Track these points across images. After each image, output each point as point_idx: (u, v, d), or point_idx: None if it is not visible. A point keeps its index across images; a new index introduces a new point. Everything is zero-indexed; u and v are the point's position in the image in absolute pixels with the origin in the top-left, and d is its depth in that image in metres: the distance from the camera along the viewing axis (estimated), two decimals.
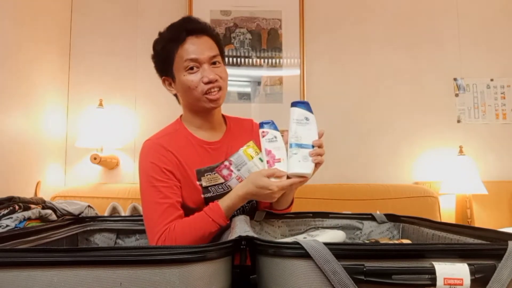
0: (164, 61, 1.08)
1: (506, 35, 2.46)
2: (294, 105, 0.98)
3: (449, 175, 2.20)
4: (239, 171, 1.02)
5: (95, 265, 0.55)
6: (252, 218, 1.04)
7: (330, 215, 1.11)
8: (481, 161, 2.33)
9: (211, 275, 0.60)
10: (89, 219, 1.12)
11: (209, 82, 1.03)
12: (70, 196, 2.04)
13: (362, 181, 2.29)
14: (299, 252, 0.58)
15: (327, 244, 0.58)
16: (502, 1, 2.49)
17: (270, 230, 1.09)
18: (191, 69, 1.03)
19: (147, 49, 1.13)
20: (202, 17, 1.13)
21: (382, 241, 0.97)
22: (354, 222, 1.11)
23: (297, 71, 2.42)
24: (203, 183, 1.03)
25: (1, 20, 1.77)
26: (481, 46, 2.45)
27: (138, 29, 2.41)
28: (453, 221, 2.19)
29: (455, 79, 2.45)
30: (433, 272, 0.56)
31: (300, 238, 0.84)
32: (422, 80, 2.44)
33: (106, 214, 1.63)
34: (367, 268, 0.57)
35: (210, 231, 0.94)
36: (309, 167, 0.94)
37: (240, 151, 1.02)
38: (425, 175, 2.37)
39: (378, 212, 1.13)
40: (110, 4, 2.43)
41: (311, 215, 1.11)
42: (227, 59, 2.40)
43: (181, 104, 1.15)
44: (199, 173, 1.04)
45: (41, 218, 1.19)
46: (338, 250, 0.58)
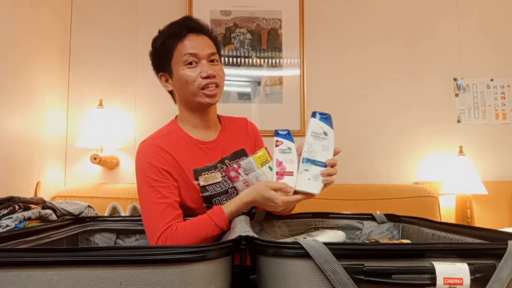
0: (162, 56, 1.08)
1: (506, 35, 2.46)
2: (314, 115, 0.93)
3: (449, 175, 2.20)
4: (247, 175, 1.00)
5: (95, 265, 0.55)
6: (252, 218, 1.04)
7: (330, 215, 1.12)
8: (481, 161, 2.33)
9: (211, 275, 0.60)
10: (89, 219, 1.12)
11: (207, 77, 1.03)
12: (70, 196, 2.04)
13: (362, 181, 2.29)
14: (299, 252, 0.58)
15: (327, 244, 0.58)
16: (502, 1, 2.49)
17: (270, 230, 1.09)
18: (190, 63, 1.04)
19: (147, 49, 1.13)
20: (202, 17, 1.14)
21: (382, 241, 0.97)
22: (354, 222, 1.11)
23: (297, 71, 2.42)
24: (200, 182, 1.04)
25: (1, 20, 1.77)
26: (481, 46, 2.46)
27: (138, 29, 2.41)
28: (453, 221, 2.19)
29: (455, 79, 2.45)
30: (433, 271, 0.56)
31: (300, 238, 0.84)
32: (422, 80, 2.44)
33: (106, 214, 1.63)
34: (367, 268, 0.57)
35: (212, 234, 0.94)
36: (318, 187, 0.90)
37: (251, 157, 0.99)
38: (425, 175, 2.37)
39: (378, 212, 1.13)
40: (110, 4, 2.43)
41: (311, 215, 1.12)
42: (227, 59, 2.40)
43: (176, 103, 1.15)
44: (196, 172, 1.04)
45: (41, 218, 1.19)
46: (338, 250, 0.58)
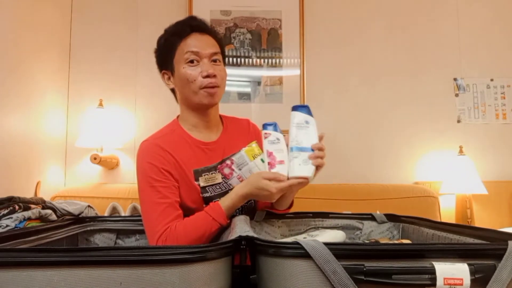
0: (165, 54, 1.08)
1: (506, 35, 2.46)
2: (294, 109, 0.98)
3: (449, 175, 2.20)
4: (240, 170, 1.02)
5: (95, 265, 0.55)
6: (252, 218, 1.04)
7: (330, 215, 1.12)
8: (481, 161, 2.33)
9: (211, 275, 0.60)
10: (89, 219, 1.12)
11: (207, 76, 1.03)
12: (70, 196, 2.04)
13: (362, 181, 2.28)
14: (299, 252, 0.58)
15: (327, 244, 0.58)
16: (502, 1, 2.49)
17: (270, 230, 1.09)
18: (191, 62, 1.04)
19: (147, 49, 1.13)
20: (202, 17, 1.14)
21: (382, 241, 0.97)
22: (354, 222, 1.11)
23: (297, 71, 2.41)
24: (200, 183, 1.04)
25: (1, 20, 1.77)
26: (481, 46, 2.45)
27: (138, 29, 2.41)
28: (453, 221, 2.19)
29: (455, 79, 2.45)
30: (433, 272, 0.56)
31: (300, 238, 0.84)
32: (422, 80, 2.44)
33: (106, 214, 1.63)
34: (367, 268, 0.57)
35: (211, 230, 0.94)
36: (310, 170, 0.94)
37: (242, 151, 1.02)
38: (425, 175, 2.37)
39: (378, 212, 1.13)
40: (110, 4, 2.43)
41: (311, 215, 1.12)
42: (227, 59, 2.40)
43: (178, 102, 1.15)
44: (196, 173, 1.04)
45: (41, 218, 1.19)
46: (338, 250, 0.58)
